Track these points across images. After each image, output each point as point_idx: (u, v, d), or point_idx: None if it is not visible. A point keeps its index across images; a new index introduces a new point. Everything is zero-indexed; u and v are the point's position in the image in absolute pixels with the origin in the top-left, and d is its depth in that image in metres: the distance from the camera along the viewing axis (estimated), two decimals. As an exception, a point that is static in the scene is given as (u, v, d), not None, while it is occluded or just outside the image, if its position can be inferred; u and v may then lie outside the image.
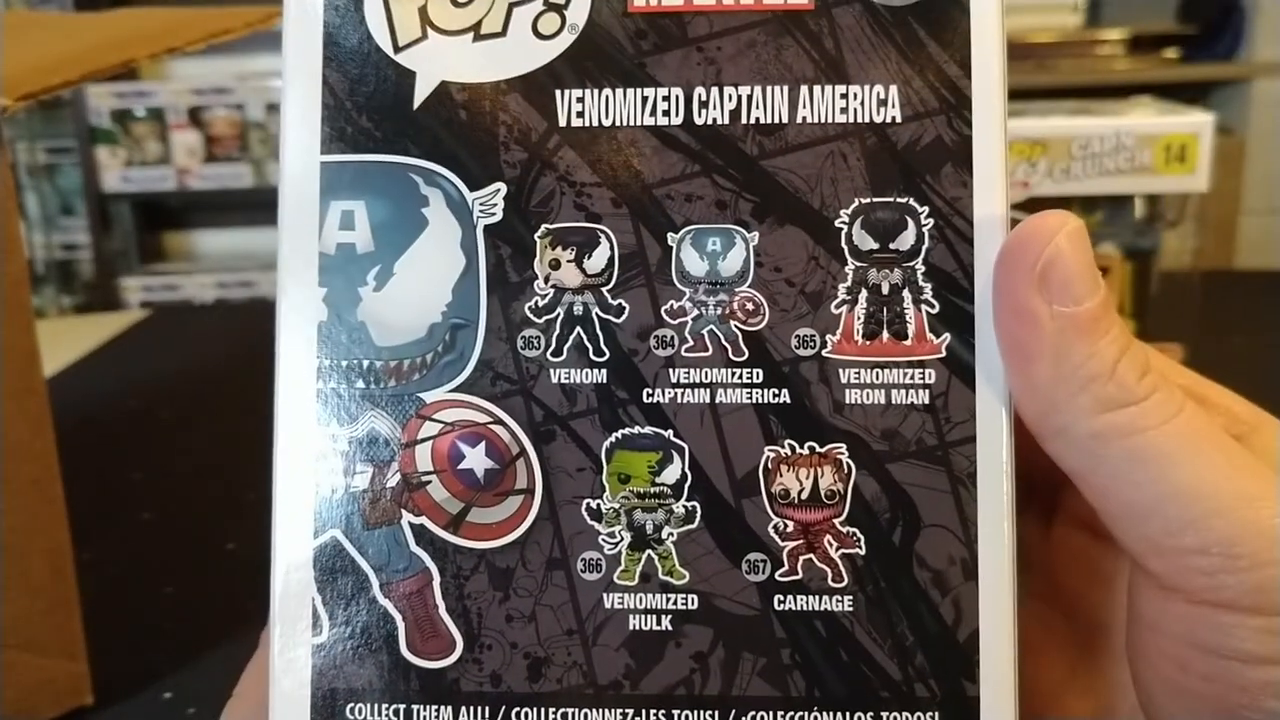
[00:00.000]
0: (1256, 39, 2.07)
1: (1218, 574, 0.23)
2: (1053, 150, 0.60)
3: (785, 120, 0.25)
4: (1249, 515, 0.22)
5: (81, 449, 0.47)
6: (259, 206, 2.28)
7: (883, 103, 0.25)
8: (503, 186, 0.25)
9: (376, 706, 0.25)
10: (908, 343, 0.25)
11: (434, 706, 0.25)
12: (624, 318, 0.25)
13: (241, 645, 0.48)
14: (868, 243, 0.25)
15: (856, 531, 0.25)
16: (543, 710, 0.24)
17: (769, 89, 0.25)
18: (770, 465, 0.25)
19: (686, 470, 0.25)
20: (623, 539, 0.25)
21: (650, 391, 0.25)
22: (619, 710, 0.24)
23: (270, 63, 2.22)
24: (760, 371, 0.25)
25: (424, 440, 0.25)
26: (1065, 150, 0.60)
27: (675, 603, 0.25)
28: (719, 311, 0.25)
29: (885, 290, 0.25)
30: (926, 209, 0.25)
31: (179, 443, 0.74)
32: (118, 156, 2.17)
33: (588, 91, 0.25)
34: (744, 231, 0.25)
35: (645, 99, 0.25)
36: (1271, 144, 2.04)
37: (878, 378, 0.25)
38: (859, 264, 0.25)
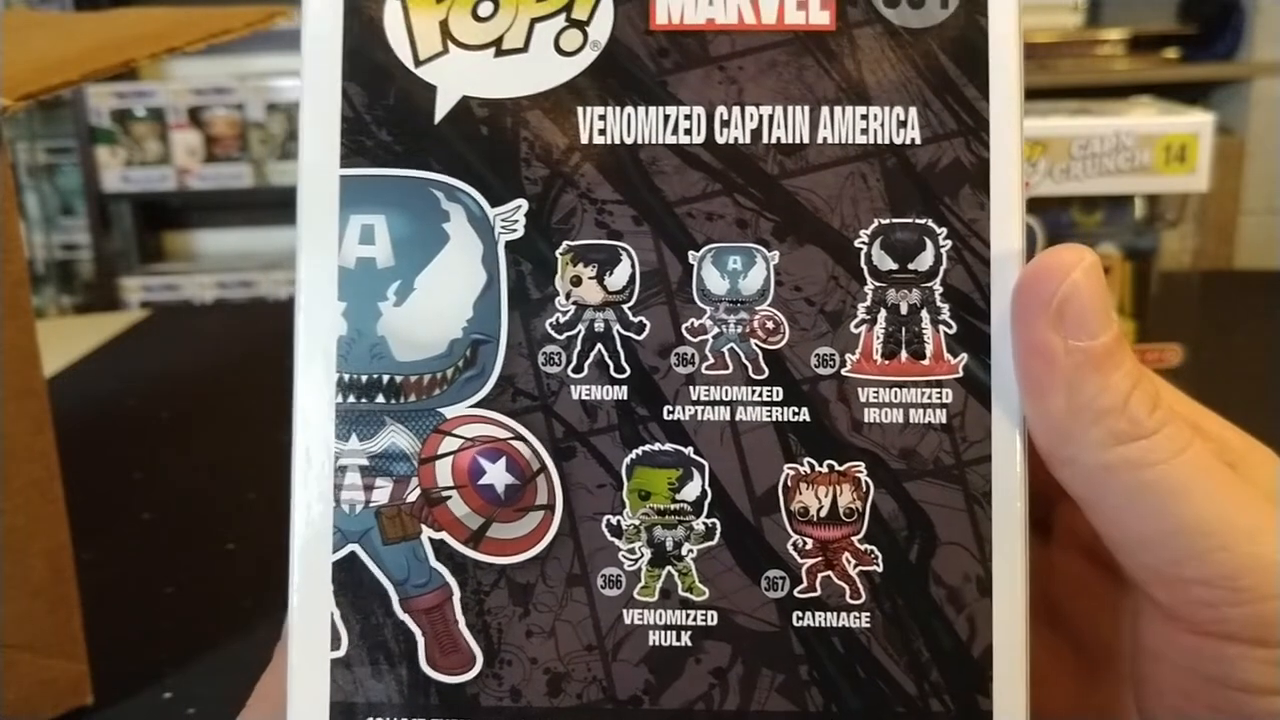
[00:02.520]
0: (1256, 39, 2.08)
1: (1221, 606, 0.23)
2: (1053, 150, 0.60)
3: (806, 140, 0.25)
4: (1253, 549, 0.23)
5: (81, 449, 0.47)
6: (259, 206, 2.28)
7: (902, 124, 0.25)
8: (524, 203, 0.25)
9: None
10: (925, 362, 0.25)
11: None
12: (645, 335, 0.25)
13: (241, 645, 0.48)
14: (887, 263, 0.25)
15: (874, 549, 0.25)
16: None
17: (790, 109, 0.25)
18: (789, 483, 0.25)
19: (706, 487, 0.25)
20: (643, 555, 0.25)
21: (671, 409, 0.25)
22: None
23: (270, 63, 2.22)
24: (780, 390, 0.25)
25: (444, 455, 0.25)
26: (1065, 150, 0.60)
27: (695, 619, 0.25)
28: (739, 330, 0.25)
29: (904, 310, 0.25)
30: (945, 230, 0.25)
31: (179, 443, 0.74)
32: (118, 156, 2.17)
33: (609, 109, 0.25)
34: (764, 250, 0.25)
35: (667, 117, 0.25)
36: (1271, 144, 2.05)
37: (896, 397, 0.25)
38: (878, 284, 0.25)
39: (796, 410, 0.25)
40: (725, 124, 0.25)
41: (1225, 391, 0.27)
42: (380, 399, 0.25)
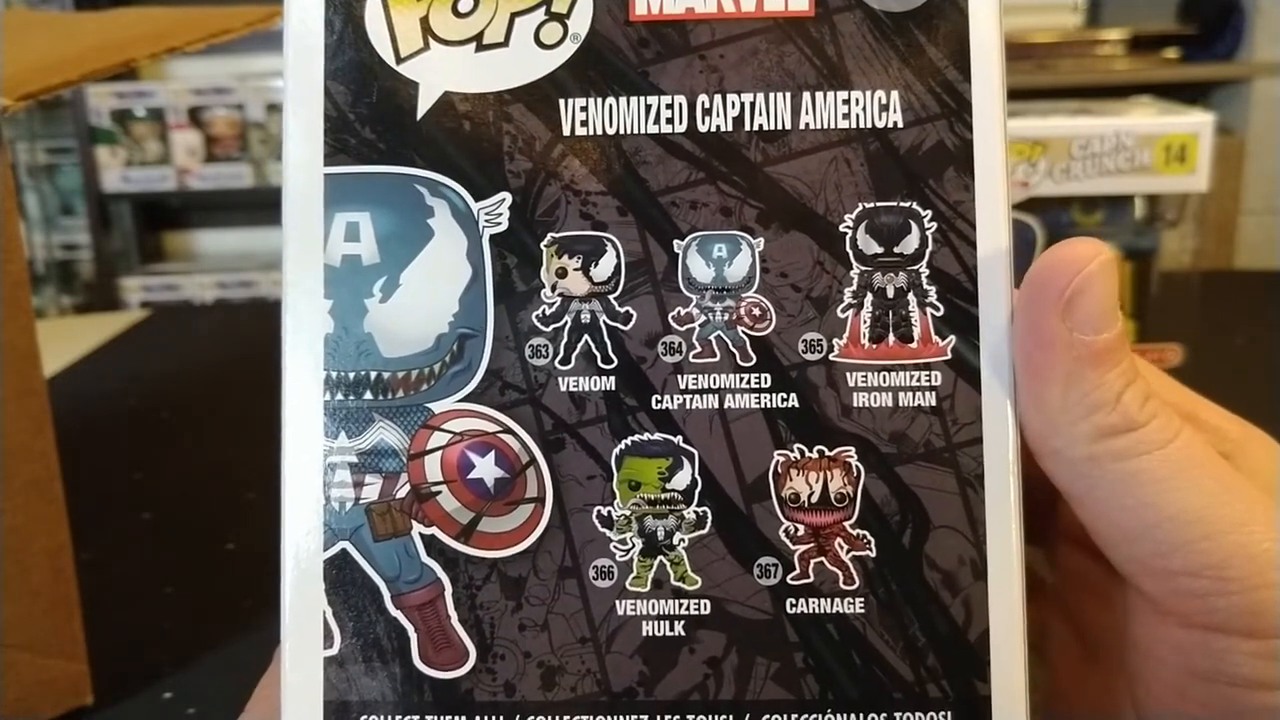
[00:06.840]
0: (1256, 39, 2.07)
1: (1209, 596, 0.23)
2: (1053, 150, 0.60)
3: (788, 127, 0.25)
4: (1239, 539, 0.23)
5: (81, 449, 0.47)
6: (259, 206, 2.27)
7: (884, 108, 0.25)
8: (508, 196, 0.25)
9: (390, 718, 0.25)
10: (914, 345, 0.25)
11: (447, 717, 0.25)
12: (631, 325, 0.25)
13: (241, 645, 0.49)
14: (872, 247, 0.25)
15: (866, 534, 0.25)
16: (557, 719, 0.25)
17: (772, 96, 0.25)
18: (780, 469, 0.25)
19: (696, 476, 0.25)
20: (634, 546, 0.25)
21: (659, 398, 0.25)
22: (634, 717, 0.25)
23: (270, 63, 2.21)
24: (768, 376, 0.25)
25: (433, 451, 0.25)
26: (1065, 150, 0.60)
27: (688, 608, 0.25)
28: (726, 317, 0.25)
29: (890, 294, 0.25)
30: (930, 212, 0.25)
31: (179, 443, 0.74)
32: (118, 156, 2.17)
33: (591, 100, 0.25)
34: (749, 237, 0.25)
35: (649, 107, 0.25)
36: (1271, 144, 2.04)
37: (885, 381, 0.25)
38: (864, 268, 0.25)
39: (785, 396, 0.25)
40: (707, 112, 0.25)
41: (1225, 391, 0.27)
42: (368, 395, 0.25)
